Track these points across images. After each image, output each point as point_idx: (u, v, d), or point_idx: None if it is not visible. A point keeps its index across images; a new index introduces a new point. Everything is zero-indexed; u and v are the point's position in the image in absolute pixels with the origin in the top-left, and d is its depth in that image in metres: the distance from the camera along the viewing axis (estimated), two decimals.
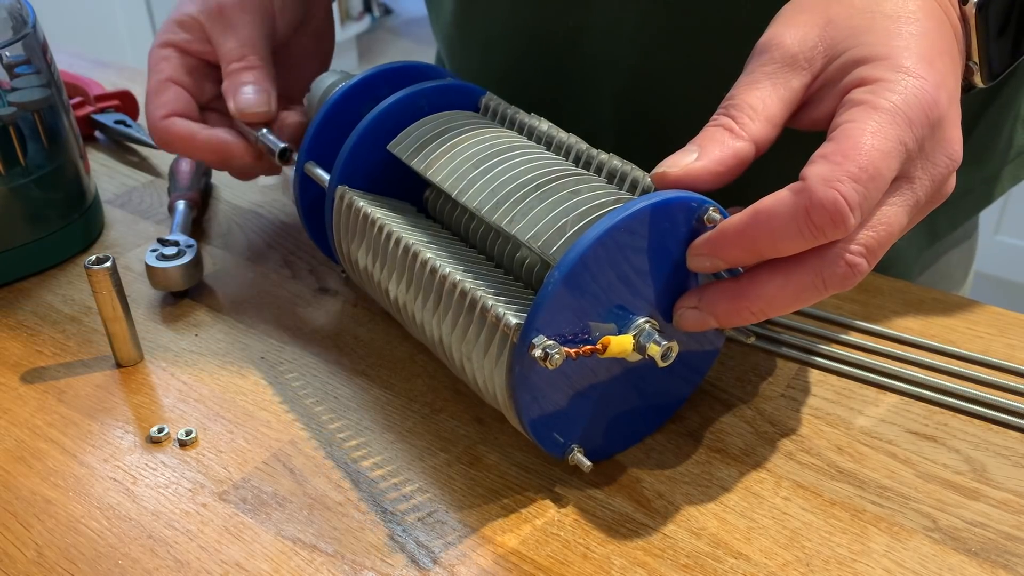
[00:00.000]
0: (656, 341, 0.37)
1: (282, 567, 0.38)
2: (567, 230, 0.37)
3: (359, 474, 0.43)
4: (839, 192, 0.33)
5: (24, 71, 0.58)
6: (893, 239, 0.37)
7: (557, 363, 0.35)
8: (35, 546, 0.40)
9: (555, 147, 0.45)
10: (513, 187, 0.40)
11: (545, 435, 0.40)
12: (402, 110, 0.47)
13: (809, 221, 0.34)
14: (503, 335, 0.37)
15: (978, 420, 0.44)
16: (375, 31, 3.41)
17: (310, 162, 0.50)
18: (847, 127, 0.35)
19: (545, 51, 0.61)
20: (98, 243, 0.62)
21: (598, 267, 0.36)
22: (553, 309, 0.36)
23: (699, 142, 0.38)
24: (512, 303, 0.38)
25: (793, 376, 0.47)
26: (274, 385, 0.48)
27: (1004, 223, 1.71)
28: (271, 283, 0.57)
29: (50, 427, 0.46)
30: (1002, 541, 0.38)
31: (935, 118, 0.36)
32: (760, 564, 0.37)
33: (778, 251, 0.35)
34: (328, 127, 0.50)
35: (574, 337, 0.37)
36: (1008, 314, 0.51)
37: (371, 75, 0.51)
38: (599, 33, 0.58)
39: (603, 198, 0.39)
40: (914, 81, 0.35)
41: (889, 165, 0.35)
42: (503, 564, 0.38)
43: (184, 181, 0.65)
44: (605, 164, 0.42)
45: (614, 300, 0.37)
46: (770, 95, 0.38)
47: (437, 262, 0.41)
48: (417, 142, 0.46)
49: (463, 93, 0.49)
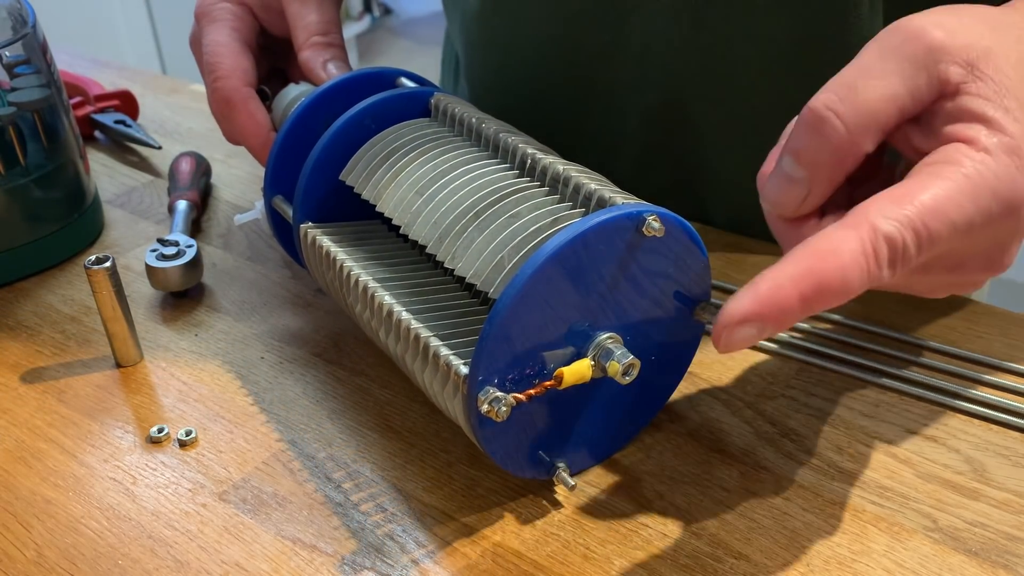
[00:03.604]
0: (616, 359, 0.36)
1: (282, 567, 0.38)
2: (504, 265, 0.37)
3: (359, 474, 0.43)
4: (900, 233, 0.30)
5: (24, 71, 0.58)
6: None
7: (505, 415, 0.35)
8: (35, 546, 0.40)
9: (502, 152, 0.44)
10: (454, 217, 0.40)
11: (522, 466, 0.40)
12: (350, 133, 0.47)
13: (875, 257, 0.30)
14: (455, 384, 0.37)
15: (978, 420, 0.44)
16: (375, 31, 3.41)
17: (278, 197, 0.50)
18: (927, 178, 0.32)
19: (572, 64, 0.60)
20: (98, 243, 0.62)
21: (538, 302, 0.35)
22: (494, 356, 0.35)
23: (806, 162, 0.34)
24: (466, 344, 0.38)
25: (793, 376, 0.47)
26: (274, 385, 0.48)
27: None
28: (271, 283, 0.57)
29: (50, 427, 0.46)
30: (1002, 541, 0.38)
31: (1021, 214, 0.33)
32: (760, 564, 0.37)
33: (844, 297, 0.31)
34: (290, 152, 0.49)
35: (529, 373, 0.36)
36: (1008, 314, 0.51)
37: (324, 91, 0.49)
38: (631, 54, 0.57)
39: (542, 220, 0.38)
40: (1017, 175, 0.32)
41: (950, 239, 0.32)
42: (503, 564, 0.38)
43: (184, 181, 0.65)
44: (549, 169, 0.41)
45: (565, 326, 0.37)
46: (894, 101, 0.33)
47: (395, 305, 0.41)
48: (366, 169, 0.46)
49: (410, 99, 0.48)
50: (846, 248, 0.30)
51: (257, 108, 0.52)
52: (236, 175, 0.70)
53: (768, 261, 0.55)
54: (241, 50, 0.53)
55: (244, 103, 0.52)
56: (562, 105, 0.62)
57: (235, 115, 0.52)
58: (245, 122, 0.52)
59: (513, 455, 0.39)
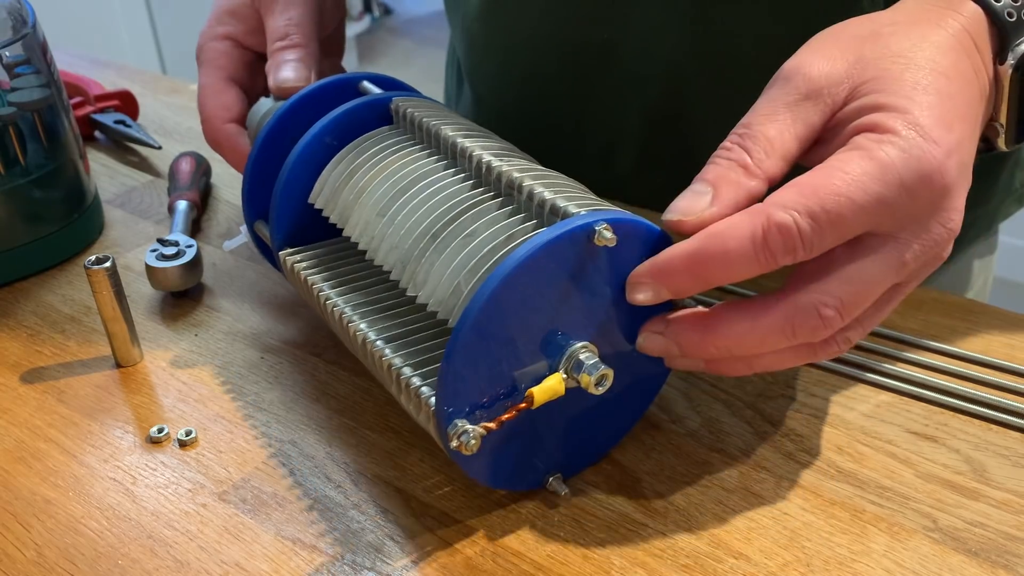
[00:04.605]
0: (587, 371, 0.36)
1: (282, 567, 0.38)
2: (462, 290, 0.37)
3: (359, 474, 0.43)
4: (794, 221, 0.33)
5: (24, 71, 0.58)
6: (871, 297, 0.36)
7: (475, 448, 0.35)
8: (35, 546, 0.40)
9: (459, 156, 0.43)
10: (413, 240, 0.40)
11: (510, 480, 0.40)
12: (312, 154, 0.47)
13: (764, 243, 0.33)
14: (427, 415, 0.37)
15: (978, 420, 0.44)
16: (375, 31, 3.41)
17: (259, 222, 0.51)
18: (831, 165, 0.34)
19: (574, 62, 0.60)
20: (98, 243, 0.62)
21: (496, 326, 0.35)
22: (458, 387, 0.35)
23: (712, 181, 0.36)
24: (436, 373, 0.38)
25: (793, 376, 0.47)
26: (274, 385, 0.48)
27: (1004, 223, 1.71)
28: (271, 283, 0.57)
29: (50, 427, 0.46)
30: (1002, 541, 0.38)
31: (938, 187, 0.34)
32: (760, 564, 0.37)
33: (730, 274, 0.34)
34: (262, 173, 0.50)
35: (500, 395, 0.36)
36: (1008, 314, 0.51)
37: (288, 108, 0.49)
38: (632, 49, 0.57)
39: (496, 239, 0.37)
40: (924, 144, 0.34)
41: (857, 218, 0.34)
42: (503, 564, 0.38)
43: (184, 181, 0.65)
44: (503, 177, 0.40)
45: (532, 342, 0.36)
46: (788, 129, 0.37)
47: (369, 334, 0.41)
48: (332, 190, 0.46)
49: (369, 108, 0.48)
50: (735, 233, 0.34)
51: (240, 141, 0.54)
52: (236, 175, 0.69)
53: None
54: (224, 88, 0.55)
55: (227, 140, 0.54)
56: (563, 104, 0.62)
57: (222, 151, 0.55)
58: (231, 157, 0.54)
59: (500, 474, 0.39)
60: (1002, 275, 1.55)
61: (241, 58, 0.56)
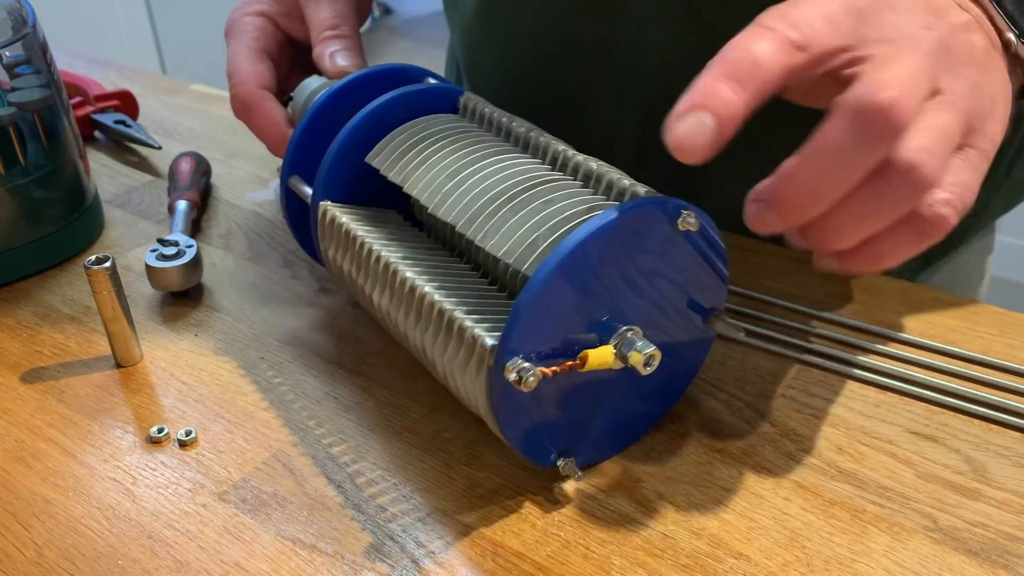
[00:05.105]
0: (638, 349, 0.37)
1: (282, 567, 0.38)
2: (539, 244, 0.37)
3: (359, 474, 0.43)
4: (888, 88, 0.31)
5: (24, 71, 0.58)
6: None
7: (532, 385, 0.35)
8: (35, 546, 0.40)
9: (532, 149, 0.44)
10: (486, 200, 0.40)
11: (531, 448, 0.40)
12: (378, 119, 0.47)
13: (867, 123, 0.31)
14: (480, 356, 0.37)
15: (978, 420, 0.44)
16: (375, 31, 3.41)
17: (294, 176, 0.50)
18: (875, 63, 0.33)
19: (570, 57, 0.60)
20: (98, 243, 0.62)
21: (570, 282, 0.35)
22: (526, 328, 0.35)
23: None
24: (489, 320, 0.38)
25: (793, 376, 0.47)
26: (274, 385, 0.48)
27: (1004, 223, 1.71)
28: (271, 283, 0.57)
29: (50, 427, 0.46)
30: (1002, 541, 0.38)
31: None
32: (760, 564, 0.37)
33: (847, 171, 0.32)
34: (310, 137, 0.50)
35: (554, 352, 0.37)
36: (1008, 314, 0.51)
37: (350, 82, 0.50)
38: (628, 44, 0.57)
39: (576, 207, 0.38)
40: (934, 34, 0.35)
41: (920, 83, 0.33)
42: (503, 564, 0.38)
43: (184, 181, 0.65)
44: (581, 166, 0.41)
45: (592, 311, 0.37)
46: None
47: (417, 280, 0.41)
48: (394, 153, 0.46)
49: (440, 95, 0.49)
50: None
51: (273, 108, 0.54)
52: (236, 175, 0.70)
53: (768, 261, 0.56)
54: (258, 57, 0.56)
55: (259, 104, 0.54)
56: (560, 100, 0.62)
57: (252, 115, 0.55)
58: (261, 121, 0.54)
59: (523, 435, 0.39)
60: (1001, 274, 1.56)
61: (274, 36, 0.57)
